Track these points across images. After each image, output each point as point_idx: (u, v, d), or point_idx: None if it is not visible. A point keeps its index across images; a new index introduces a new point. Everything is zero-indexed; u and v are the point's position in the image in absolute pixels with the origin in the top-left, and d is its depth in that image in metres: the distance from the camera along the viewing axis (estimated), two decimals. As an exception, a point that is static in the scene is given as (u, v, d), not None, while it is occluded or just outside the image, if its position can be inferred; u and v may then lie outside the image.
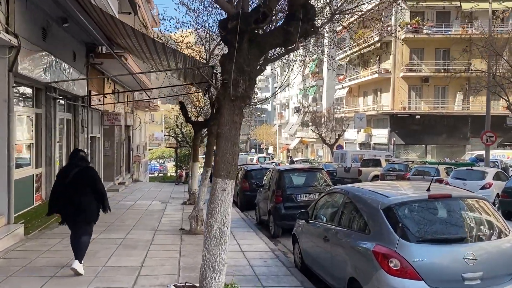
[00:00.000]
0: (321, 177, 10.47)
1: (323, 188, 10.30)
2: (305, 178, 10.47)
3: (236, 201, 16.42)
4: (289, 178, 10.40)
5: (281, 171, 10.38)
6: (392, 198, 4.63)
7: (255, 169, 15.81)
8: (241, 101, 4.38)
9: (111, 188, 19.45)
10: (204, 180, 10.32)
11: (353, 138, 43.53)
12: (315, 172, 10.64)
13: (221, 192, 4.43)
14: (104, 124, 17.77)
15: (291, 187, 10.24)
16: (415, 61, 37.81)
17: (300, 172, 10.67)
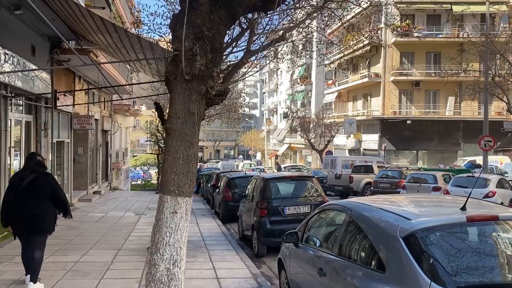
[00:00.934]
0: (311, 186, 9.12)
1: (314, 199, 8.96)
2: (293, 188, 9.12)
3: (218, 212, 14.98)
4: (276, 188, 9.04)
5: (266, 179, 9.02)
6: (416, 221, 3.29)
7: (239, 176, 14.42)
8: (200, 82, 3.03)
9: (84, 197, 17.90)
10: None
11: (343, 143, 42.41)
12: (305, 180, 9.30)
13: (171, 217, 3.08)
14: (74, 128, 16.23)
15: (277, 198, 8.87)
16: (406, 65, 36.92)
17: (288, 180, 9.31)
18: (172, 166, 3.11)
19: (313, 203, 8.84)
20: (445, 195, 6.32)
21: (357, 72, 40.34)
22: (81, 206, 15.87)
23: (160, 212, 3.14)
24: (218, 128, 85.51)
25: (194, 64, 2.94)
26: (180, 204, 3.08)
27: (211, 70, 3.03)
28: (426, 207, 4.05)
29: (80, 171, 18.97)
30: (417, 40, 35.85)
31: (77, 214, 13.78)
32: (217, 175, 17.89)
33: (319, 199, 8.93)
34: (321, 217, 4.96)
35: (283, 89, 63.96)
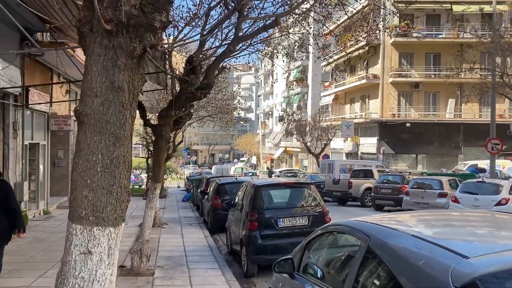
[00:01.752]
0: (309, 194, 7.91)
1: (313, 209, 7.76)
2: (289, 196, 7.92)
3: (206, 220, 13.74)
4: (268, 196, 7.83)
5: (257, 186, 7.81)
6: (477, 260, 2.12)
7: (229, 182, 13.19)
8: (132, 36, 1.77)
9: (63, 204, 16.60)
10: (152, 200, 7.66)
11: (340, 147, 41.27)
12: (302, 187, 8.08)
13: (82, 260, 1.82)
14: (51, 129, 14.97)
15: (270, 208, 7.67)
16: (405, 66, 35.89)
17: (282, 187, 8.10)
18: (84, 176, 1.88)
19: (311, 213, 7.65)
20: (480, 213, 4.99)
21: (355, 74, 39.28)
22: (58, 214, 14.59)
23: (66, 252, 1.92)
24: (212, 132, 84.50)
25: (120, 5, 1.73)
26: (97, 238, 1.87)
27: (150, 17, 1.81)
28: (476, 234, 2.82)
29: (61, 176, 17.70)
30: (416, 40, 34.87)
31: (50, 223, 12.53)
32: (207, 180, 16.68)
33: (318, 209, 7.74)
34: (325, 240, 3.75)
35: (279, 92, 62.89)
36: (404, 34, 35.08)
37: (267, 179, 8.83)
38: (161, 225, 12.43)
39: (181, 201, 23.08)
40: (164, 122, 7.36)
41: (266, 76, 72.52)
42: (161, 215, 15.30)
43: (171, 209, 17.98)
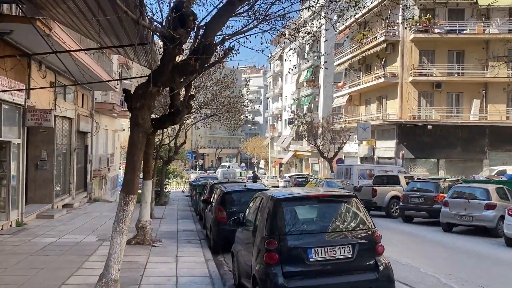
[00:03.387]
0: (352, 212, 5.51)
1: (358, 234, 5.36)
2: (323, 215, 5.51)
3: (209, 236, 11.35)
4: (293, 215, 5.44)
5: (277, 200, 5.42)
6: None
7: (237, 190, 10.79)
8: None
9: (45, 213, 14.36)
10: (121, 221, 5.32)
11: (354, 151, 38.78)
12: (341, 202, 5.57)
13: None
14: (28, 125, 12.72)
15: (297, 233, 5.28)
16: (426, 64, 33.40)
17: (313, 202, 5.61)
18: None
19: (356, 241, 5.25)
20: None
21: (371, 73, 36.83)
22: (34, 226, 12.31)
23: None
24: (219, 135, 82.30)
25: None
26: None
27: None
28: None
29: (44, 180, 15.45)
30: (438, 37, 32.47)
31: (20, 238, 10.26)
32: (210, 187, 14.32)
33: (366, 234, 5.35)
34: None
35: (288, 94, 60.57)
36: (425, 30, 32.69)
37: (291, 191, 6.45)
38: (152, 242, 10.08)
39: (182, 209, 20.73)
40: (141, 104, 5.08)
41: (275, 78, 70.25)
42: (156, 228, 12.95)
43: (169, 220, 15.64)
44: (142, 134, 5.26)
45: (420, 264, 8.96)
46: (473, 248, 11.55)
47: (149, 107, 5.23)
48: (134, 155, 5.24)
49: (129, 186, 5.24)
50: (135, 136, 5.22)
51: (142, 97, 5.13)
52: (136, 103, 5.18)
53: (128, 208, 5.24)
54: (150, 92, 5.12)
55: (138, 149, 5.26)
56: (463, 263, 9.74)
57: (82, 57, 13.87)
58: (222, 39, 8.47)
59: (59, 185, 17.15)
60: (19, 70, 12.09)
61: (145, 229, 9.98)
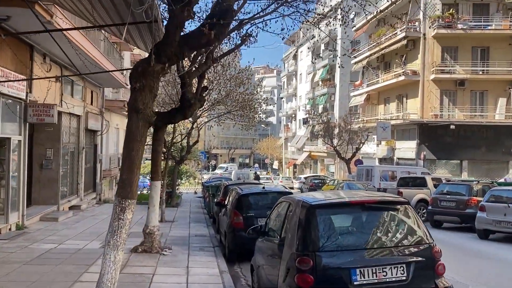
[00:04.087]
0: (403, 222, 4.42)
1: (414, 250, 4.26)
2: (368, 226, 4.42)
3: (223, 242, 10.31)
4: (331, 226, 4.37)
5: (310, 207, 4.32)
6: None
7: (254, 193, 9.75)
8: None
9: (49, 216, 13.51)
10: (116, 232, 4.30)
11: (372, 152, 37.43)
12: (390, 210, 4.49)
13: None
14: (29, 121, 11.85)
15: (337, 249, 4.21)
16: (448, 62, 31.95)
17: (355, 210, 4.50)
18: None
19: (411, 259, 4.16)
20: None
21: (390, 71, 35.46)
22: (36, 230, 11.44)
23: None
24: (233, 135, 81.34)
25: None
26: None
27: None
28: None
29: (49, 180, 14.64)
30: (462, 32, 30.99)
31: (17, 244, 9.38)
32: (225, 188, 13.29)
33: (424, 250, 4.25)
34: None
35: (303, 93, 59.37)
36: (448, 25, 31.28)
37: (324, 195, 5.37)
38: (161, 249, 9.08)
39: (195, 211, 19.76)
40: (141, 85, 4.09)
41: (289, 77, 69.07)
42: (166, 233, 11.99)
43: (181, 223, 14.66)
44: (143, 123, 4.25)
45: (468, 280, 7.80)
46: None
47: (151, 89, 4.23)
48: (132, 149, 4.23)
49: (125, 189, 4.23)
50: (134, 126, 4.21)
51: (142, 76, 4.14)
52: (135, 83, 4.18)
53: (124, 216, 4.24)
54: (152, 69, 4.12)
55: (137, 141, 4.25)
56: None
57: (90, 50, 13.00)
58: (239, 23, 7.47)
59: (66, 185, 16.32)
60: (20, 62, 11.23)
61: (153, 236, 9.00)
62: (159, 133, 9.07)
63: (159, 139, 9.16)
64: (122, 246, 4.40)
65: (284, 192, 9.83)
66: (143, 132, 4.28)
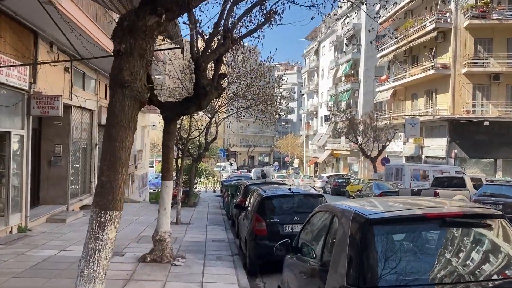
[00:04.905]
0: (498, 246, 3.16)
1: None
2: (453, 250, 3.12)
3: (243, 250, 9.11)
4: (394, 249, 3.10)
5: (368, 222, 3.04)
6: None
7: (279, 195, 8.53)
8: None
9: (55, 216, 12.57)
10: (96, 255, 3.12)
11: (398, 150, 35.75)
12: (480, 226, 3.12)
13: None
14: (32, 114, 10.89)
15: (406, 285, 2.95)
16: (482, 54, 30.07)
17: (431, 226, 3.00)
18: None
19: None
20: None
21: (418, 64, 33.70)
22: (39, 233, 10.48)
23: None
24: (252, 133, 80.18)
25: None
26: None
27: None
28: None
29: (58, 178, 13.70)
30: (497, 23, 29.19)
31: (14, 250, 8.40)
32: (245, 189, 12.11)
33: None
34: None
35: (325, 90, 57.78)
36: (482, 15, 29.47)
37: (383, 203, 4.19)
38: (173, 259, 7.95)
39: (213, 211, 18.66)
40: (127, 46, 2.92)
41: (311, 74, 67.47)
42: (180, 237, 10.88)
43: (197, 226, 13.55)
44: (131, 102, 3.09)
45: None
46: None
47: (143, 53, 3.06)
48: (115, 138, 3.06)
49: (105, 196, 3.07)
50: (118, 105, 3.05)
51: (130, 34, 2.99)
52: (119, 44, 3.02)
53: (104, 235, 3.08)
54: (144, 24, 2.95)
55: (122, 128, 3.09)
56: None
57: (101, 39, 11.98)
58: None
59: (77, 184, 15.42)
60: (23, 49, 10.25)
61: (163, 243, 7.87)
62: (171, 126, 7.94)
63: (171, 132, 8.03)
64: (101, 277, 3.24)
65: (314, 195, 8.59)
66: (132, 114, 3.13)
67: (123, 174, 3.16)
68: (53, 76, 12.05)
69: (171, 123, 7.89)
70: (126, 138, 3.12)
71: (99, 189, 3.17)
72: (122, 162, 3.18)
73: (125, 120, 3.11)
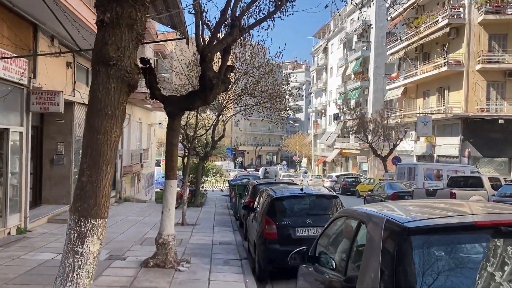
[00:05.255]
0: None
1: None
2: (504, 265, 2.66)
3: (252, 254, 8.59)
4: (437, 264, 2.58)
5: (405, 231, 2.43)
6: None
7: (291, 196, 7.97)
8: None
9: (57, 217, 12.17)
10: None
11: (409, 149, 35.00)
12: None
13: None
14: (32, 110, 10.45)
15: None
16: (496, 50, 29.27)
17: (481, 235, 2.44)
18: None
19: None
20: None
21: (430, 61, 32.94)
22: (39, 234, 10.05)
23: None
24: (260, 132, 79.63)
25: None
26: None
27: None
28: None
29: (60, 177, 13.28)
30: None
31: (9, 253, 7.96)
32: (253, 188, 11.58)
33: None
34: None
35: (333, 88, 57.06)
36: (496, 10, 28.72)
37: (409, 206, 3.64)
38: (177, 263, 7.44)
39: (220, 212, 18.16)
40: (113, 15, 2.43)
41: (319, 72, 66.78)
42: (186, 239, 10.39)
43: (204, 227, 13.05)
44: (117, 84, 2.56)
45: None
46: None
47: (132, 24, 2.54)
48: (98, 129, 2.53)
49: (85, 200, 2.55)
50: (102, 88, 2.50)
51: (116, 1, 2.45)
52: (103, 13, 2.50)
53: (84, 248, 2.54)
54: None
55: (107, 116, 2.56)
56: None
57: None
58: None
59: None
60: (21, 42, 9.81)
61: (167, 246, 7.38)
62: (175, 122, 7.43)
63: (175, 129, 7.53)
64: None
65: (328, 196, 8.04)
66: (118, 99, 2.60)
67: (108, 173, 2.64)
68: (54, 71, 11.62)
69: (175, 119, 7.39)
70: (112, 129, 2.59)
71: (79, 192, 2.65)
72: (106, 158, 2.65)
73: (110, 107, 2.57)
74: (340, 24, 53.25)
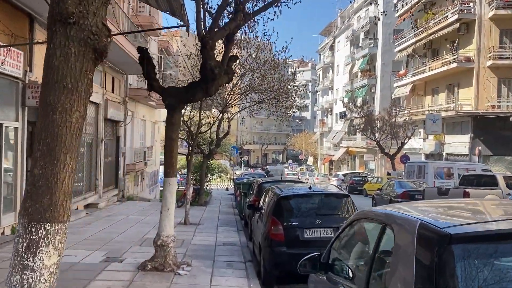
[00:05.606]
0: None
1: None
2: None
3: (257, 256, 8.10)
4: (482, 277, 2.14)
5: (444, 238, 1.99)
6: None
7: (298, 195, 7.47)
8: None
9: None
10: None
11: (418, 147, 34.37)
12: None
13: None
14: (28, 105, 10.03)
15: None
16: (507, 46, 28.57)
17: None
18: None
19: None
20: None
21: (439, 58, 32.26)
22: (34, 234, 9.56)
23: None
24: (266, 131, 79.12)
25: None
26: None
27: None
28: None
29: (59, 175, 12.80)
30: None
31: (2, 254, 7.52)
32: (258, 187, 11.10)
33: None
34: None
35: (340, 86, 56.44)
36: (508, 5, 28.07)
37: (442, 208, 3.24)
38: (177, 266, 6.98)
39: (225, 211, 17.70)
40: None
41: (325, 70, 66.14)
42: (188, 240, 9.92)
43: (207, 226, 12.59)
44: (80, 49, 1.92)
45: None
46: None
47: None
48: (54, 107, 1.99)
49: (37, 199, 2.02)
50: (60, 54, 1.99)
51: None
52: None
53: (36, 261, 1.97)
54: None
55: (65, 90, 2.04)
56: None
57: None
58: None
59: (81, 181, 14.62)
60: (16, 34, 9.38)
61: (166, 248, 6.91)
62: (174, 115, 6.96)
63: (175, 123, 7.05)
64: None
65: (338, 194, 7.53)
66: (81, 69, 2.05)
67: (68, 165, 2.09)
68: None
69: (174, 112, 6.92)
70: (72, 106, 2.07)
71: (30, 188, 2.11)
72: (65, 145, 2.11)
73: (70, 78, 2.04)
74: (346, 21, 52.63)
